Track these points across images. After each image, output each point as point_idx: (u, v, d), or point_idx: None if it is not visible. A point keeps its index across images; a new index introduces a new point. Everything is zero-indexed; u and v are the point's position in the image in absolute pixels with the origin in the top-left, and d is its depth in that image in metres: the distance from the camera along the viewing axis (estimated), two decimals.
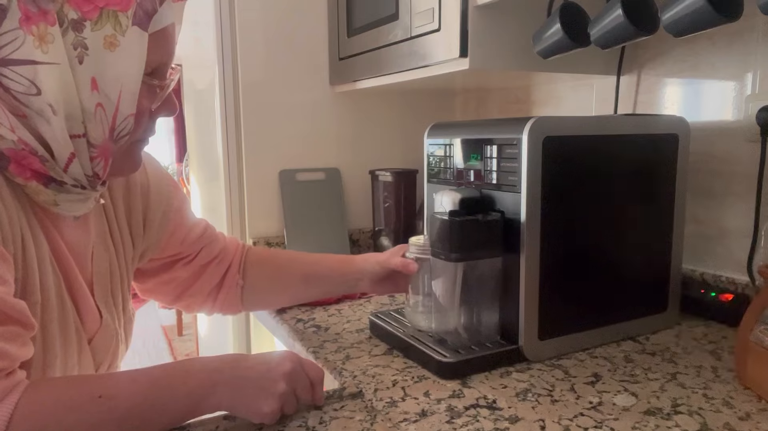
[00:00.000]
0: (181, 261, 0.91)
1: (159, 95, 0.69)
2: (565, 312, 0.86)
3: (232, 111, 1.53)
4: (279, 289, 0.99)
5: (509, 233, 0.83)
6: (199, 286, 0.93)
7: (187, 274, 0.92)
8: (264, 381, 0.65)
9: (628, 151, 0.89)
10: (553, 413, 0.70)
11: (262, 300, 1.01)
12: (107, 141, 0.65)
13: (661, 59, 1.14)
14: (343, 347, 0.92)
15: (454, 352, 0.82)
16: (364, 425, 0.68)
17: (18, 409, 0.53)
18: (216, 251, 0.94)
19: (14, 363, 0.56)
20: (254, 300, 0.99)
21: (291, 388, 0.67)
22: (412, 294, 0.92)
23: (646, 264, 0.92)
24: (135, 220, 0.83)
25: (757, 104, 0.96)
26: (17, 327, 0.57)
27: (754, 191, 0.98)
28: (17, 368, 0.57)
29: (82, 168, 0.65)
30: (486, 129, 0.89)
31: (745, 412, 0.69)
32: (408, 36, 1.16)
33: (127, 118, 0.64)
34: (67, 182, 0.65)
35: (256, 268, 0.97)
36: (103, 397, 0.58)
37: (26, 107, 0.60)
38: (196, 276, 0.93)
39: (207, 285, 0.94)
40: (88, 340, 0.73)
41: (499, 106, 1.61)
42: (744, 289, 1.00)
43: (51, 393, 0.57)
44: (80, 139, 0.63)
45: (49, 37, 0.58)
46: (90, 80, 0.61)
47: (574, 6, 0.94)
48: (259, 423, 0.67)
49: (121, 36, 0.60)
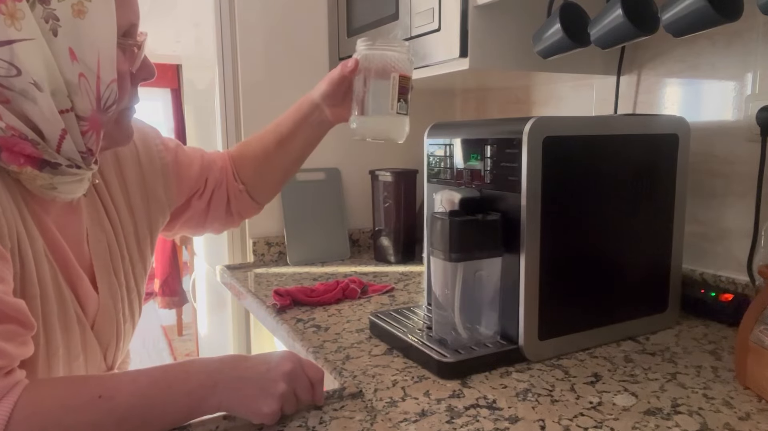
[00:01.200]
0: (195, 195, 0.95)
1: (137, 56, 0.69)
2: (565, 312, 0.86)
3: (232, 111, 1.53)
4: (270, 170, 1.00)
5: (509, 233, 0.83)
6: (215, 209, 0.98)
7: (203, 204, 0.96)
8: (264, 382, 0.65)
9: (628, 151, 0.89)
10: (553, 413, 0.70)
11: (267, 189, 1.03)
12: (95, 112, 0.64)
13: (661, 59, 1.14)
14: (343, 347, 0.92)
15: (454, 352, 0.82)
16: (364, 425, 0.68)
17: (17, 409, 0.53)
18: (217, 173, 0.97)
19: (13, 362, 0.56)
20: (261, 193, 1.02)
21: (291, 388, 0.67)
22: (355, 97, 0.85)
23: (646, 264, 0.92)
24: (132, 193, 0.83)
25: (757, 104, 0.96)
26: (16, 326, 0.57)
27: (754, 191, 0.98)
28: (16, 367, 0.57)
29: (75, 145, 0.64)
30: (486, 129, 0.89)
31: (745, 412, 0.69)
32: (408, 36, 1.16)
33: (110, 85, 0.64)
34: (61, 163, 0.64)
35: (244, 167, 0.99)
36: (102, 397, 0.58)
37: (9, 90, 0.59)
38: (209, 202, 0.97)
39: (221, 205, 0.98)
40: (91, 326, 0.74)
41: (499, 106, 1.61)
42: (744, 289, 1.00)
43: (51, 393, 0.57)
44: (69, 113, 0.63)
45: (19, 14, 0.57)
46: (68, 51, 0.60)
47: (574, 6, 0.94)
48: (259, 424, 0.67)
49: (87, 2, 0.60)
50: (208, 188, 0.96)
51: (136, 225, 0.84)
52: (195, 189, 0.95)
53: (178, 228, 0.98)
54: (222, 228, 1.04)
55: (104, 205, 0.79)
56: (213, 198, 0.97)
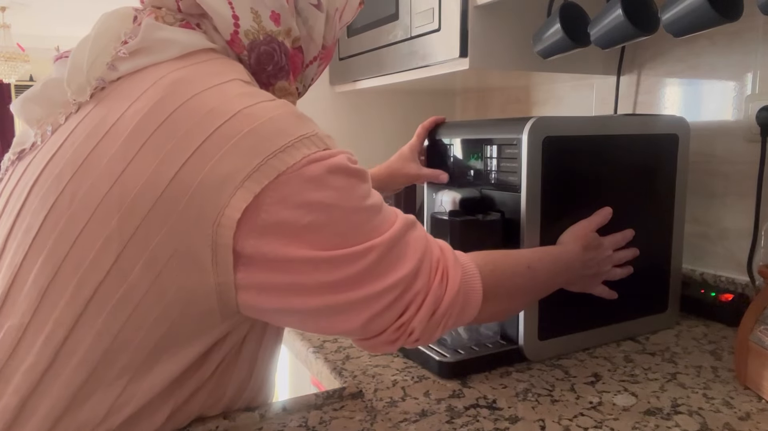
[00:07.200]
0: None
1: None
2: (565, 312, 0.86)
3: None
4: None
5: (509, 233, 0.83)
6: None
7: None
8: (590, 276, 0.83)
9: (628, 151, 0.89)
10: (553, 413, 0.70)
11: None
12: (332, 47, 0.71)
13: (661, 59, 1.14)
14: (343, 347, 0.92)
15: (454, 352, 0.82)
16: (364, 425, 0.68)
17: (479, 268, 0.64)
18: None
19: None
20: None
21: (603, 268, 0.84)
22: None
23: (646, 264, 0.92)
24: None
25: (757, 104, 0.96)
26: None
27: (754, 191, 0.98)
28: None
29: (312, 71, 0.70)
30: (486, 129, 0.89)
31: (745, 412, 0.69)
32: (408, 36, 1.16)
33: (340, 29, 0.71)
34: (298, 88, 0.69)
35: None
36: (530, 268, 0.72)
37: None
38: None
39: None
40: None
41: (499, 106, 1.61)
42: (744, 289, 1.00)
43: (495, 260, 0.69)
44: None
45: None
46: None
47: (574, 6, 0.94)
48: (261, 422, 0.67)
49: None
50: None
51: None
52: None
53: None
54: None
55: None
56: None
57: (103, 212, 0.50)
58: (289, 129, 0.52)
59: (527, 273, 0.72)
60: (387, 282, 0.55)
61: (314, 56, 0.68)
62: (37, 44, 5.43)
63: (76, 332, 0.50)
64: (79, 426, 0.51)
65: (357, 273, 0.54)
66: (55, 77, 0.59)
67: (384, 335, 0.57)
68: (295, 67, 0.65)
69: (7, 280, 0.53)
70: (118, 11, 0.60)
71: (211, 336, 0.56)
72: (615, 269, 0.86)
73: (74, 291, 0.50)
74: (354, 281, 0.54)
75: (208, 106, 0.51)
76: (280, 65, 0.62)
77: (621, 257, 0.86)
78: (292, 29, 0.62)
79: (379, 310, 0.55)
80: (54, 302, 0.51)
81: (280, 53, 0.61)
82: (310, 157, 0.52)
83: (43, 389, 0.50)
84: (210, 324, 0.54)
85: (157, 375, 0.54)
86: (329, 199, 0.52)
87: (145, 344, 0.52)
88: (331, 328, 0.56)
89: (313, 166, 0.52)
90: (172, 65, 0.55)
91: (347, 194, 0.54)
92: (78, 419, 0.51)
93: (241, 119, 0.51)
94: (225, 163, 0.49)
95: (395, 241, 0.56)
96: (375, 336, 0.58)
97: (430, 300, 0.58)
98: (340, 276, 0.53)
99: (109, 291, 0.50)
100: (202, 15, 0.60)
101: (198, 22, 0.60)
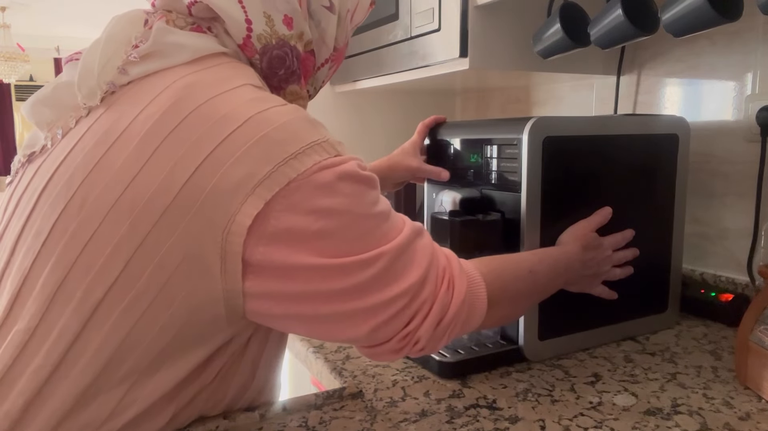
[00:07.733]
0: None
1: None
2: (565, 312, 0.86)
3: None
4: None
5: (509, 233, 0.83)
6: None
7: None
8: (589, 276, 0.83)
9: (628, 151, 0.89)
10: (553, 413, 0.70)
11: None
12: (343, 49, 0.70)
13: (661, 59, 1.14)
14: (343, 347, 0.92)
15: (454, 352, 0.82)
16: (364, 425, 0.68)
17: (483, 275, 0.64)
18: None
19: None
20: None
21: (599, 266, 0.83)
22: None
23: (646, 264, 0.92)
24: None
25: (757, 104, 0.96)
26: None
27: (754, 191, 0.98)
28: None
29: (323, 74, 0.69)
30: (486, 129, 0.89)
31: (745, 412, 0.69)
32: (408, 36, 1.16)
33: (350, 30, 0.71)
34: (309, 91, 0.68)
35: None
36: (532, 272, 0.72)
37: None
38: None
39: None
40: None
41: (499, 106, 1.61)
42: (744, 289, 1.00)
43: (498, 267, 0.69)
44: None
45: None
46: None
47: (574, 6, 0.94)
48: (261, 422, 0.67)
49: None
50: None
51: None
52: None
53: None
54: None
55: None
56: None
57: (114, 217, 0.50)
58: (300, 134, 0.52)
59: (529, 278, 0.72)
60: (396, 290, 0.55)
61: (326, 59, 0.68)
62: (37, 44, 5.44)
63: (83, 337, 0.50)
64: (81, 428, 0.51)
65: (366, 281, 0.54)
66: (65, 80, 0.59)
67: (389, 344, 0.57)
68: (306, 71, 0.64)
69: (17, 284, 0.53)
70: (129, 14, 0.60)
71: (216, 341, 0.56)
72: (615, 269, 0.86)
73: (83, 296, 0.50)
74: (363, 289, 0.54)
75: (221, 112, 0.51)
76: (291, 69, 0.61)
77: (621, 257, 0.86)
78: (304, 33, 0.62)
79: (387, 318, 0.55)
80: (62, 307, 0.50)
81: (292, 57, 0.61)
82: (321, 164, 0.52)
83: (48, 392, 0.50)
84: (216, 329, 0.54)
85: (160, 378, 0.54)
86: (339, 205, 0.52)
87: (151, 349, 0.52)
88: (337, 335, 0.56)
89: (324, 173, 0.51)
90: (184, 70, 0.55)
91: (357, 201, 0.54)
92: (80, 421, 0.51)
93: (253, 125, 0.51)
94: (237, 169, 0.49)
95: (404, 248, 0.56)
96: (380, 344, 0.58)
97: (437, 309, 0.58)
98: (349, 283, 0.53)
99: (117, 296, 0.50)
100: (213, 18, 0.59)
101: (209, 25, 0.59)
